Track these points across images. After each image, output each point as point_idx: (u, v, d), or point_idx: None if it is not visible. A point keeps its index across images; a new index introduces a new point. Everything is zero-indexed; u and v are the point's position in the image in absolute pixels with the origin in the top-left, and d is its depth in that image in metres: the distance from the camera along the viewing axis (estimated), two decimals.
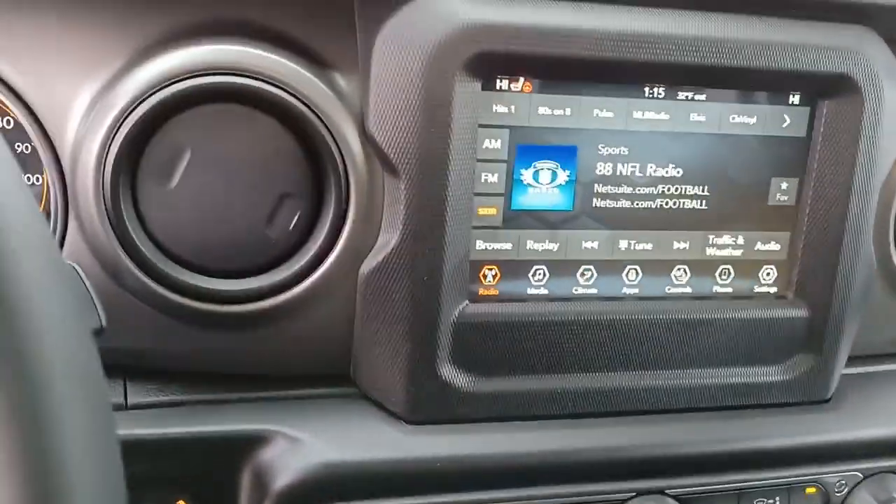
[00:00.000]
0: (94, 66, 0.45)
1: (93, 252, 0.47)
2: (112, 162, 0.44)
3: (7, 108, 0.45)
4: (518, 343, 0.51)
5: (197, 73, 0.44)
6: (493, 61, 0.47)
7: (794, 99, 0.53)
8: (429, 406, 0.51)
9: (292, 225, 0.48)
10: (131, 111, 0.43)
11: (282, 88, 0.46)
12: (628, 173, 0.52)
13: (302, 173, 0.48)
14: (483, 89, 0.48)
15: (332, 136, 0.47)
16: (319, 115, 0.46)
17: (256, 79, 0.45)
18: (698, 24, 0.50)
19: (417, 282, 0.48)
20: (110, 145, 0.44)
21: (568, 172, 0.51)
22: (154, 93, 0.44)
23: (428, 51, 0.45)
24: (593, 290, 0.53)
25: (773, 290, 0.57)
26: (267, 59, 0.46)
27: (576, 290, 0.53)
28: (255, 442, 0.49)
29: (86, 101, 0.45)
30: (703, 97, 0.52)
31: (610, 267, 0.53)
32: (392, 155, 0.47)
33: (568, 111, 0.50)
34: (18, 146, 0.46)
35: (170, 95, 0.44)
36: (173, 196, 0.46)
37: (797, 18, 0.52)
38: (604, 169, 0.51)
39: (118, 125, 0.43)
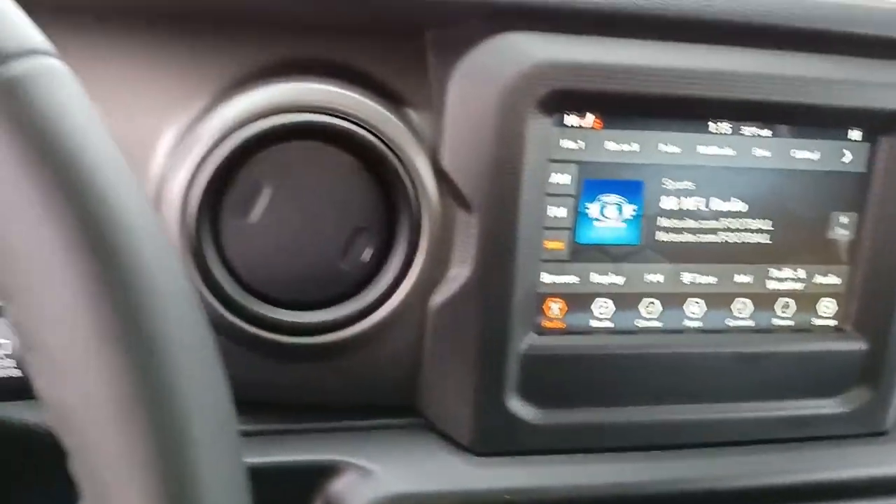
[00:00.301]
0: (179, 103, 0.46)
1: None
2: (197, 197, 0.45)
3: None
4: (583, 375, 0.52)
5: (280, 111, 0.45)
6: (564, 98, 0.48)
7: (855, 135, 0.54)
8: (496, 438, 0.51)
9: (365, 258, 0.49)
10: (216, 148, 0.44)
11: (360, 125, 0.47)
12: (693, 207, 0.52)
13: (376, 208, 0.49)
14: (554, 125, 0.49)
15: (407, 171, 0.48)
16: (395, 150, 0.47)
17: (336, 116, 0.46)
18: (763, 61, 0.50)
19: (487, 314, 0.49)
20: (195, 181, 0.45)
21: (634, 207, 0.52)
22: (239, 130, 0.45)
23: (503, 89, 0.46)
24: (657, 323, 0.54)
25: (832, 322, 0.57)
26: (346, 97, 0.47)
27: (639, 322, 0.54)
28: (326, 472, 0.49)
29: (170, 138, 0.46)
30: (766, 133, 0.52)
31: (673, 300, 0.54)
32: (465, 190, 0.48)
33: (635, 146, 0.51)
34: None
35: (254, 133, 0.45)
36: (252, 230, 0.47)
37: (858, 56, 0.52)
38: (668, 203, 0.52)
39: (203, 161, 0.44)
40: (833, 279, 0.56)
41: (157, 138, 0.46)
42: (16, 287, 0.23)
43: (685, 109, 0.50)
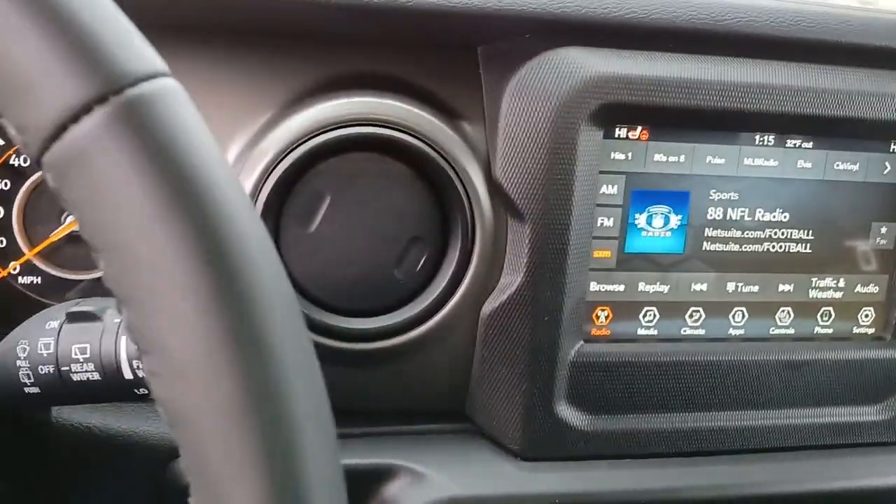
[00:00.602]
0: (246, 116, 0.47)
1: None
2: (262, 207, 0.46)
3: None
4: (630, 382, 0.53)
5: (341, 123, 0.47)
6: (615, 112, 0.49)
7: None
8: (545, 443, 0.52)
9: (419, 267, 0.50)
10: (281, 159, 0.46)
11: (417, 137, 0.48)
12: (737, 217, 0.53)
13: (430, 218, 0.50)
14: (603, 138, 0.50)
15: (461, 182, 0.49)
16: (450, 162, 0.49)
17: (394, 129, 0.48)
18: (807, 75, 0.51)
19: (537, 322, 0.50)
20: (260, 191, 0.46)
21: (680, 217, 0.53)
22: (303, 142, 0.46)
23: (555, 102, 0.48)
24: (701, 331, 0.55)
25: (871, 331, 0.58)
26: (403, 111, 0.48)
27: (684, 330, 0.55)
28: (380, 476, 0.50)
29: (237, 149, 0.48)
30: (809, 145, 0.53)
31: (718, 309, 0.55)
32: (518, 200, 0.49)
33: (682, 158, 0.52)
34: None
35: (317, 145, 0.46)
36: (312, 239, 0.48)
37: None
38: (714, 213, 0.53)
39: (268, 172, 0.46)
40: (873, 289, 0.57)
41: (224, 150, 0.48)
42: (136, 295, 0.24)
43: (731, 122, 0.51)
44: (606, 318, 0.53)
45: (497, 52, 0.50)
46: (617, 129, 0.50)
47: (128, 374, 0.38)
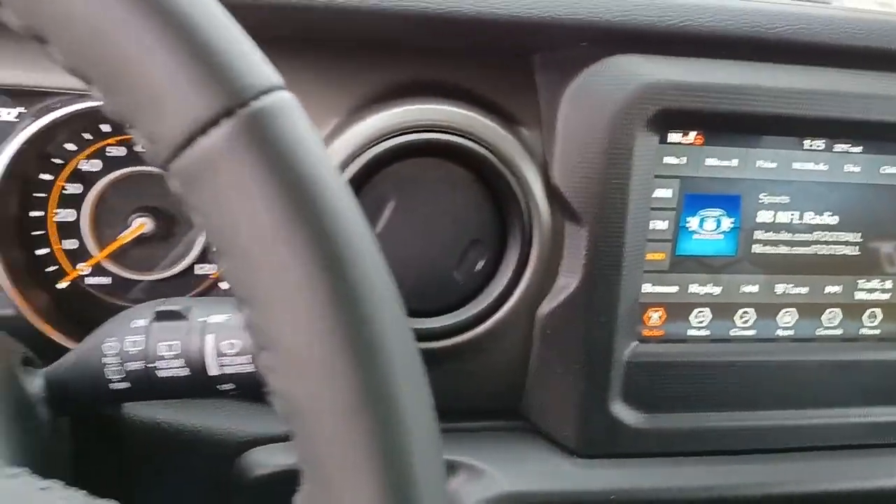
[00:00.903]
0: (314, 122, 0.49)
1: None
2: None
3: None
4: (682, 381, 0.54)
5: (406, 130, 0.48)
6: (670, 117, 0.50)
7: None
8: (600, 441, 0.53)
9: (478, 268, 0.52)
10: (349, 164, 0.47)
11: (477, 143, 0.49)
12: (787, 221, 0.55)
13: (489, 221, 0.51)
14: (659, 142, 0.51)
15: (520, 185, 0.50)
16: (509, 166, 0.50)
17: (456, 134, 0.49)
18: (856, 81, 0.52)
19: (593, 323, 0.51)
20: None
21: (732, 220, 0.54)
22: (369, 148, 0.47)
23: (613, 109, 0.49)
24: (751, 332, 0.56)
25: None
26: (464, 117, 0.49)
27: (733, 331, 0.56)
28: None
29: None
30: (858, 149, 0.54)
31: (767, 310, 0.56)
32: (575, 203, 0.50)
33: (734, 162, 0.53)
34: None
35: (382, 151, 0.48)
36: (376, 242, 0.50)
37: None
38: (765, 216, 0.54)
39: None
40: None
41: None
42: (257, 294, 0.26)
43: (782, 127, 0.53)
44: (659, 318, 0.54)
45: (553, 58, 0.51)
46: (671, 134, 0.52)
47: (213, 371, 0.40)
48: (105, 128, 0.52)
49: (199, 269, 0.55)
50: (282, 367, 0.27)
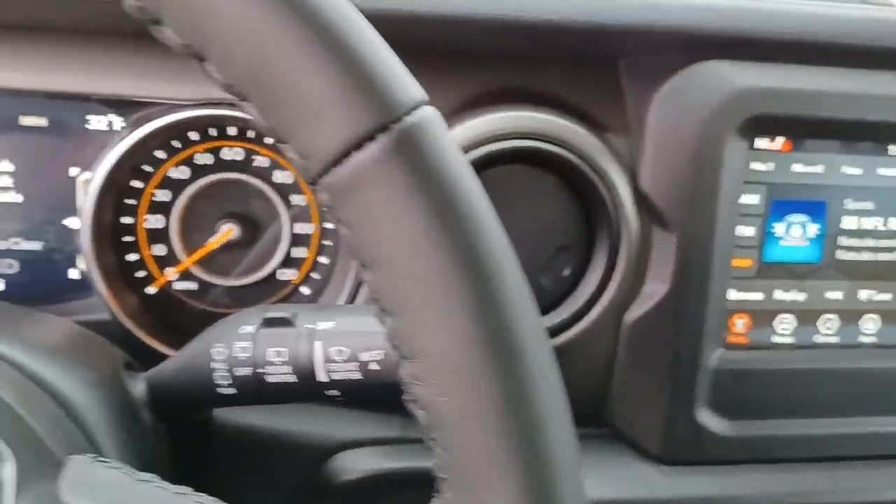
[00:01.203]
0: None
1: None
2: None
3: None
4: (766, 389, 0.54)
5: (498, 137, 0.48)
6: (760, 123, 0.50)
7: None
8: (685, 448, 0.53)
9: (565, 275, 0.52)
10: None
11: (567, 149, 0.50)
12: (872, 227, 0.54)
13: (577, 227, 0.52)
14: (746, 148, 0.51)
15: (609, 191, 0.50)
16: (598, 172, 0.50)
17: (547, 141, 0.49)
18: None
19: (681, 330, 0.51)
20: None
21: (817, 226, 0.54)
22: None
23: (703, 115, 0.49)
24: (834, 339, 0.56)
25: None
26: (554, 124, 0.50)
27: (817, 338, 0.55)
28: None
29: None
30: None
31: (850, 316, 0.56)
32: (664, 209, 0.50)
33: (820, 168, 0.53)
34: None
35: (475, 159, 0.48)
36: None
37: None
38: (849, 222, 0.54)
39: None
40: None
41: None
42: (404, 306, 0.26)
43: (868, 133, 0.52)
44: (744, 325, 0.54)
45: (639, 64, 0.51)
46: (759, 140, 0.52)
47: (321, 377, 0.40)
48: (193, 136, 0.53)
49: (281, 275, 0.56)
50: (429, 376, 0.27)
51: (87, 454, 0.34)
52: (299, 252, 0.56)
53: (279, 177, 0.54)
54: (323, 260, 0.56)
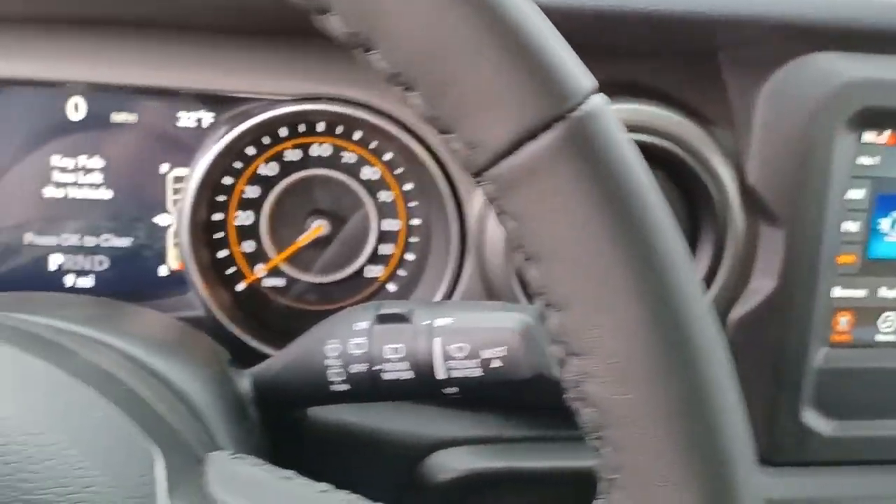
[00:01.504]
0: None
1: (486, 288, 0.51)
2: None
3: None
4: (872, 388, 0.52)
5: None
6: (869, 116, 0.49)
7: None
8: (789, 448, 0.52)
9: None
10: None
11: (674, 142, 0.48)
12: None
13: (681, 222, 0.50)
14: (856, 142, 0.50)
15: (716, 185, 0.49)
16: (705, 166, 0.49)
17: (654, 134, 0.48)
18: None
19: (788, 327, 0.50)
20: None
21: None
22: None
23: (812, 108, 0.48)
24: None
25: None
26: (660, 117, 0.49)
27: None
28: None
29: None
30: None
31: None
32: (772, 204, 0.49)
33: None
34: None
35: None
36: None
37: None
38: None
39: None
40: None
41: None
42: (576, 300, 0.25)
43: None
44: (847, 323, 0.53)
45: (741, 56, 0.50)
46: (866, 133, 0.50)
47: (440, 374, 0.39)
48: (282, 132, 0.52)
49: (369, 273, 0.55)
50: (604, 373, 0.26)
51: (221, 451, 0.33)
52: (386, 249, 0.55)
53: (367, 173, 0.53)
54: (409, 257, 0.55)
